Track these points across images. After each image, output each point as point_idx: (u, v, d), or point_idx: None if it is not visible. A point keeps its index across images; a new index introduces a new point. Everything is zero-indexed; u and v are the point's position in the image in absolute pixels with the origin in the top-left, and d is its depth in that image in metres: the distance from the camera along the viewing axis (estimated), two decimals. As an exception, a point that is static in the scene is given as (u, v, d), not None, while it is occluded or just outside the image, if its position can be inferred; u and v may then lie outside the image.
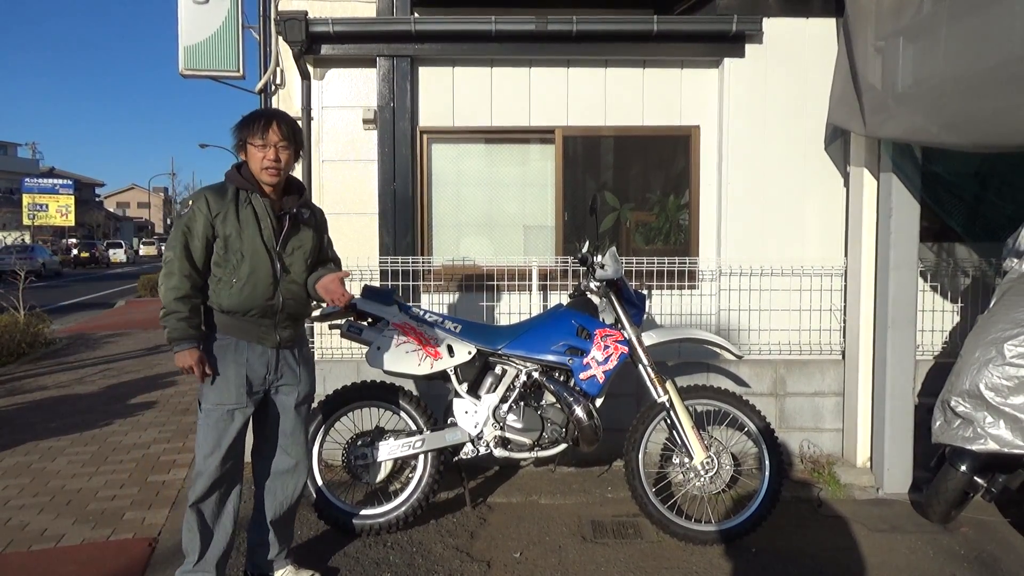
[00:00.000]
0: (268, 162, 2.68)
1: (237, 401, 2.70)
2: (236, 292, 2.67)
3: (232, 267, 2.67)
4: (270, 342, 2.77)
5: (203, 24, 4.60)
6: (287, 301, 2.76)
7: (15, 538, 3.40)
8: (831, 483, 4.03)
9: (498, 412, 3.40)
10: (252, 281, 2.68)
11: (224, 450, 2.69)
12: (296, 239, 2.81)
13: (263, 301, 2.70)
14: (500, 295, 4.54)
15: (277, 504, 2.91)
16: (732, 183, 4.47)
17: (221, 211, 2.66)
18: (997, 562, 3.21)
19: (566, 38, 4.35)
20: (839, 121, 4.11)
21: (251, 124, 2.70)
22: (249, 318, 2.72)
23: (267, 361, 2.77)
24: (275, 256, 2.72)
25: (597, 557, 3.23)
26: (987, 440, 3.14)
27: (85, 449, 4.75)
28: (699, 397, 3.52)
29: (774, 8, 4.42)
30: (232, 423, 2.70)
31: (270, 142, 2.67)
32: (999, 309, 3.34)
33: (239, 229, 2.67)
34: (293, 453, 2.91)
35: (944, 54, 3.13)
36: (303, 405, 2.91)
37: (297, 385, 2.87)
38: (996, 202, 3.93)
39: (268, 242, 2.71)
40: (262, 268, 2.69)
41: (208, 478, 2.69)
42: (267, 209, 2.72)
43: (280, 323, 2.78)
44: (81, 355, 8.46)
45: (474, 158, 4.77)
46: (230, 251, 2.67)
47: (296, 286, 2.80)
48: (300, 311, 2.88)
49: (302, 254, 2.82)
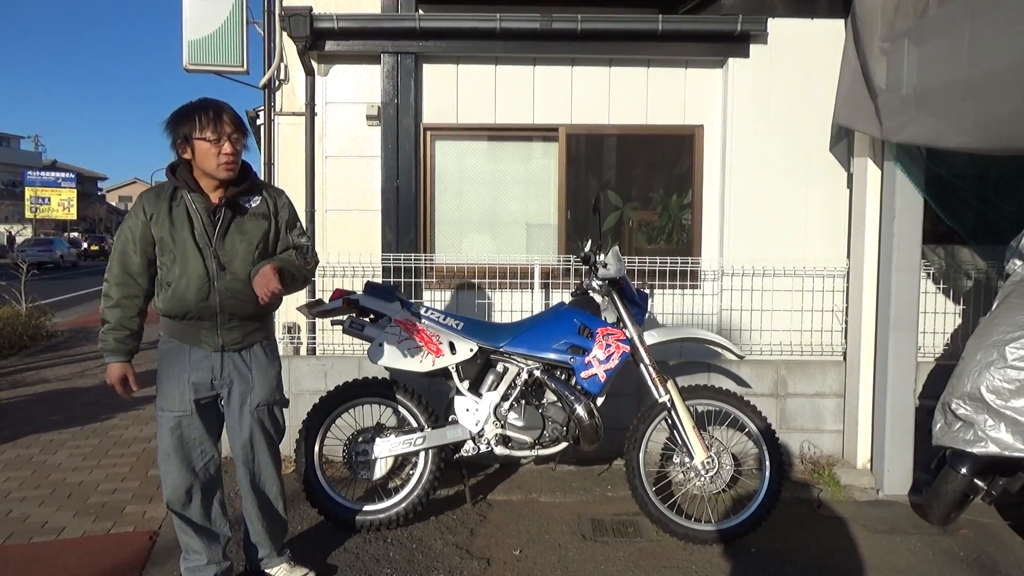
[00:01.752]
0: (225, 156, 2.50)
1: (181, 408, 2.60)
2: (171, 294, 2.54)
3: (166, 269, 2.55)
4: (211, 345, 2.61)
5: (207, 19, 4.60)
6: (226, 301, 2.58)
7: (16, 530, 3.41)
8: (831, 484, 4.03)
9: (499, 410, 3.40)
10: (184, 282, 2.53)
11: (175, 456, 2.60)
12: (238, 232, 2.60)
13: (196, 303, 2.54)
14: (502, 293, 4.54)
15: (259, 508, 2.83)
16: (735, 183, 4.47)
17: (155, 212, 2.53)
18: (996, 565, 3.21)
19: (571, 36, 4.35)
20: (846, 122, 4.10)
21: (195, 117, 2.48)
22: (188, 321, 2.58)
23: (211, 365, 2.62)
24: (209, 254, 2.55)
25: (597, 555, 3.24)
26: (988, 443, 3.14)
27: (86, 442, 4.76)
28: (700, 397, 3.51)
29: (779, 8, 4.42)
30: (179, 430, 2.60)
31: (223, 134, 2.49)
32: (1001, 312, 3.33)
33: (171, 229, 2.53)
34: (259, 461, 2.76)
35: (958, 55, 3.10)
36: (260, 410, 2.72)
37: (249, 391, 2.69)
38: (1000, 205, 3.93)
39: (200, 239, 2.55)
40: (193, 268, 2.53)
41: (172, 484, 2.61)
42: (197, 205, 2.56)
43: (223, 324, 2.61)
44: (82, 348, 8.47)
45: (477, 155, 4.77)
46: (164, 253, 2.54)
47: (240, 283, 2.58)
48: (247, 310, 2.63)
49: (247, 247, 2.60)
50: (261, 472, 2.80)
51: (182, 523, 2.69)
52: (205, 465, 2.68)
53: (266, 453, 2.79)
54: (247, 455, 2.75)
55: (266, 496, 2.84)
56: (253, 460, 2.77)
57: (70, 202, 41.22)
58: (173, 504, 2.65)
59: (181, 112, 2.54)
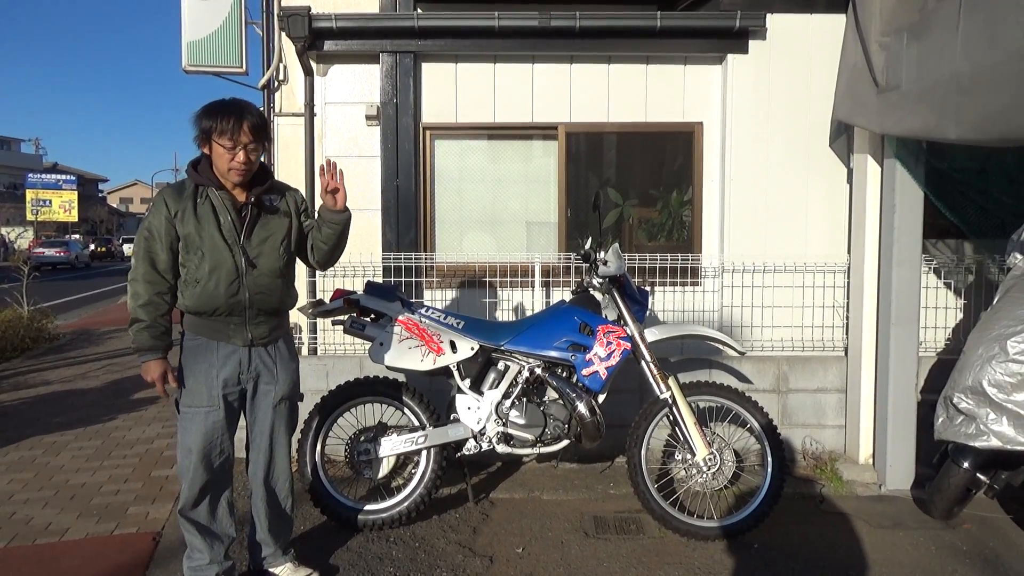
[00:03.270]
0: (237, 164, 2.56)
1: (208, 403, 2.62)
2: (200, 291, 2.58)
3: (194, 266, 2.58)
4: (240, 340, 2.66)
5: (206, 20, 4.61)
6: (255, 297, 2.64)
7: (20, 532, 3.42)
8: (833, 479, 4.03)
9: (501, 408, 3.40)
10: (214, 279, 2.57)
11: (199, 453, 2.62)
12: (264, 230, 2.68)
13: (227, 299, 2.59)
14: (503, 291, 4.54)
15: (267, 504, 2.86)
16: (735, 179, 4.47)
17: (179, 209, 2.56)
18: (999, 559, 3.21)
19: (569, 34, 4.35)
20: (844, 117, 4.10)
21: (218, 120, 2.53)
22: (216, 317, 2.62)
23: (239, 360, 2.67)
24: (238, 251, 2.61)
25: (599, 553, 3.24)
26: (990, 437, 3.13)
27: (89, 444, 4.77)
28: (702, 393, 3.52)
29: (778, 4, 4.41)
30: (205, 426, 2.62)
31: (240, 143, 2.54)
32: (1003, 306, 3.33)
33: (198, 227, 2.57)
34: (275, 455, 2.83)
35: (957, 49, 3.10)
36: (282, 405, 2.80)
37: (274, 384, 2.76)
38: (1000, 198, 3.92)
39: (228, 237, 2.60)
40: (223, 265, 2.58)
41: (190, 482, 2.64)
42: (225, 203, 2.61)
43: (251, 320, 2.66)
44: (84, 350, 8.48)
45: (477, 154, 4.77)
46: (191, 250, 2.57)
47: (267, 279, 2.66)
48: (274, 305, 2.73)
49: (273, 245, 2.69)
50: (276, 465, 2.85)
51: (187, 523, 2.70)
52: (221, 464, 2.71)
53: (284, 447, 2.85)
54: (266, 448, 2.81)
55: (276, 492, 2.88)
56: (271, 454, 2.83)
57: (71, 204, 41.28)
58: (187, 503, 2.67)
59: (207, 109, 2.59)
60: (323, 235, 2.80)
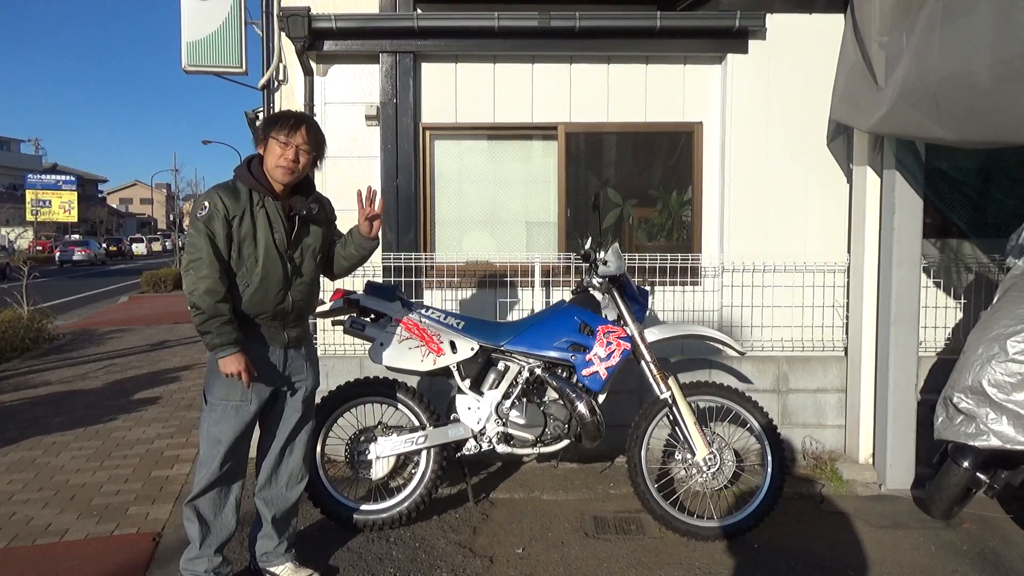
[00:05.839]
0: (286, 160, 2.68)
1: (243, 398, 2.71)
2: (248, 296, 2.69)
3: (245, 271, 2.67)
4: (279, 342, 2.79)
5: (206, 20, 4.60)
6: (297, 302, 2.79)
7: (20, 532, 3.42)
8: (833, 479, 4.03)
9: (501, 408, 3.40)
10: (264, 286, 2.69)
11: (227, 445, 2.70)
12: (307, 239, 2.82)
13: (274, 305, 2.73)
14: (503, 291, 4.54)
15: (279, 501, 2.92)
16: (735, 179, 4.47)
17: (237, 214, 2.65)
18: (999, 558, 3.21)
19: (569, 34, 4.35)
20: (842, 117, 4.10)
21: (281, 121, 2.71)
22: (260, 320, 2.73)
23: (277, 361, 2.79)
24: (287, 259, 2.74)
25: (599, 553, 3.24)
26: (990, 436, 3.14)
27: (89, 444, 4.77)
28: (702, 393, 3.52)
29: (778, 4, 4.41)
30: (236, 419, 2.71)
31: (293, 142, 2.68)
32: (1002, 305, 3.33)
33: (254, 233, 2.67)
34: (297, 451, 2.94)
35: (943, 50, 3.11)
36: (309, 399, 2.95)
37: (304, 382, 2.90)
38: (1000, 198, 3.93)
39: (280, 245, 2.72)
40: (275, 272, 2.71)
41: (210, 472, 2.70)
42: (279, 212, 2.72)
43: (289, 324, 2.81)
44: (84, 351, 8.48)
45: (477, 154, 4.77)
46: (244, 255, 2.67)
47: (306, 285, 2.83)
48: (309, 310, 2.91)
49: (312, 252, 2.84)
50: (294, 456, 2.95)
51: (191, 512, 2.74)
52: (240, 458, 2.79)
53: (305, 439, 2.98)
54: (290, 440, 2.92)
55: (298, 486, 2.96)
56: (294, 445, 2.93)
57: (71, 205, 41.21)
58: (199, 492, 2.72)
59: (275, 114, 2.84)
60: (347, 253, 2.98)
